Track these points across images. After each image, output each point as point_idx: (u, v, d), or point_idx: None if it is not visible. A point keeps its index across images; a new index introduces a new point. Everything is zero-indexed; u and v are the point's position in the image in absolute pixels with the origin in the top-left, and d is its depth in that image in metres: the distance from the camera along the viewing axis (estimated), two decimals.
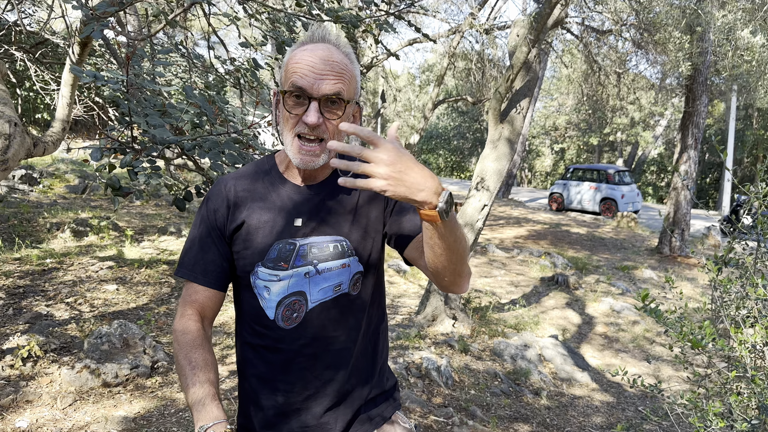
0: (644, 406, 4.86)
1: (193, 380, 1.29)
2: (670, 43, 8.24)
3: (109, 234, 7.60)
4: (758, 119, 25.54)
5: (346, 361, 1.46)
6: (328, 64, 1.27)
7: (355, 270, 1.44)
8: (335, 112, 1.31)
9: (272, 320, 1.40)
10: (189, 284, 1.44)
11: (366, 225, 1.45)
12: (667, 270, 10.56)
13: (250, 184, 1.45)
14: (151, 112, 1.71)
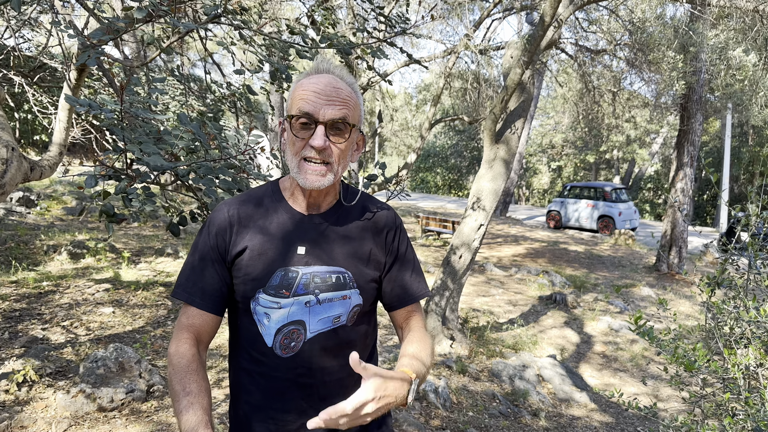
0: (643, 427, 4.83)
1: (186, 406, 1.29)
2: (664, 62, 8.32)
3: (106, 256, 7.59)
4: (754, 136, 25.68)
5: (341, 392, 1.46)
6: (334, 91, 1.32)
7: (355, 303, 1.45)
8: (341, 137, 1.35)
9: (270, 347, 1.40)
10: (186, 307, 1.44)
11: (368, 260, 1.47)
12: (665, 288, 10.55)
13: (253, 209, 1.46)
14: (145, 139, 1.73)
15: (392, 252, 1.52)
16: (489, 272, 10.65)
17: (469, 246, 5.62)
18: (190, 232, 10.34)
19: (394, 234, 1.53)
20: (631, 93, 13.74)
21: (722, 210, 21.88)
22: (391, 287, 1.52)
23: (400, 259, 1.53)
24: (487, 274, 10.47)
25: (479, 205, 5.56)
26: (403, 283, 1.54)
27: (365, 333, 1.52)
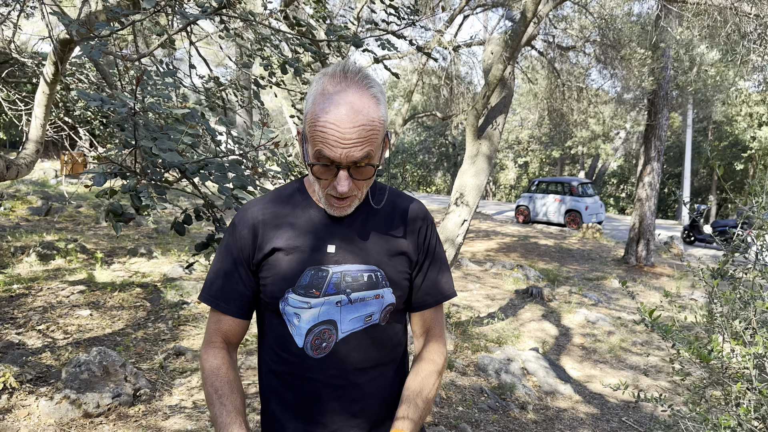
0: (627, 416, 4.91)
1: (220, 409, 1.29)
2: (634, 58, 8.48)
3: (77, 257, 7.38)
4: (713, 131, 26.46)
5: (374, 393, 1.43)
6: (356, 131, 1.20)
7: (388, 301, 1.41)
8: (365, 174, 1.28)
9: (301, 348, 1.36)
10: (213, 311, 1.42)
11: (400, 256, 1.43)
12: (635, 280, 10.78)
13: (279, 209, 1.41)
14: (160, 135, 1.66)
15: (424, 248, 1.47)
16: (465, 267, 10.72)
17: (453, 241, 5.63)
18: (161, 232, 10.13)
19: (426, 229, 1.48)
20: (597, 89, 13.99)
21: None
22: (420, 285, 1.48)
23: (431, 255, 1.49)
24: (464, 269, 10.53)
25: (462, 201, 5.58)
26: (434, 281, 1.50)
27: (397, 332, 1.49)
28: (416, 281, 1.48)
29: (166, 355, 4.78)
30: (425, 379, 1.43)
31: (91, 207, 11.14)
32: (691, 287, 10.29)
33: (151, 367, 4.56)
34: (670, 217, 28.74)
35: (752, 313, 2.20)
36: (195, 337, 5.32)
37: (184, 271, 7.13)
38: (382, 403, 1.44)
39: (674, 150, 27.95)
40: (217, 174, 1.95)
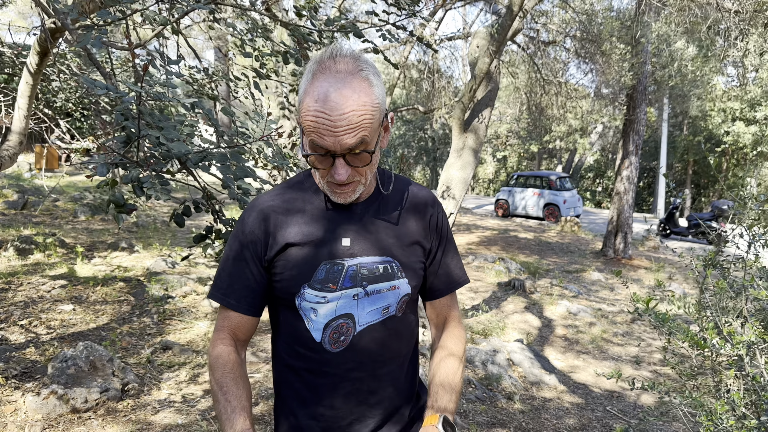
0: (611, 406, 5.00)
1: (225, 405, 1.28)
2: (614, 54, 8.59)
3: (57, 251, 7.26)
4: (688, 126, 26.92)
5: (392, 384, 1.43)
6: (346, 117, 1.17)
7: (404, 292, 1.40)
8: (364, 159, 1.26)
9: (318, 343, 1.35)
10: (222, 309, 1.40)
11: (414, 246, 1.42)
12: (613, 272, 10.94)
13: (289, 202, 1.39)
14: (167, 125, 1.64)
15: (437, 235, 1.47)
16: None
17: None
18: (142, 226, 10.01)
19: (437, 216, 1.48)
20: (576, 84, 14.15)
21: (660, 197, 22.87)
22: (435, 273, 1.48)
23: (443, 241, 1.49)
24: None
25: (449, 194, 5.61)
26: (447, 268, 1.50)
27: (411, 322, 1.49)
28: (430, 269, 1.48)
29: (153, 350, 4.74)
30: (450, 367, 1.44)
31: (68, 201, 10.96)
32: (668, 279, 10.49)
33: (139, 362, 4.52)
34: (645, 210, 29.19)
35: (743, 302, 2.26)
36: (181, 331, 5.28)
37: (167, 265, 7.06)
38: (397, 392, 1.45)
39: (650, 144, 28.37)
40: (218, 165, 1.94)
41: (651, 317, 2.14)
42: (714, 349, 2.09)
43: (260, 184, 2.17)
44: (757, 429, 1.88)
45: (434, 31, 10.86)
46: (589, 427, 4.46)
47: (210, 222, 2.29)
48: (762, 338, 2.09)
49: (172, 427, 3.63)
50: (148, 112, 1.62)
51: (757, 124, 21.13)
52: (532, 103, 14.16)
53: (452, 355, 1.47)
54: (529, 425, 4.39)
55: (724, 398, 2.02)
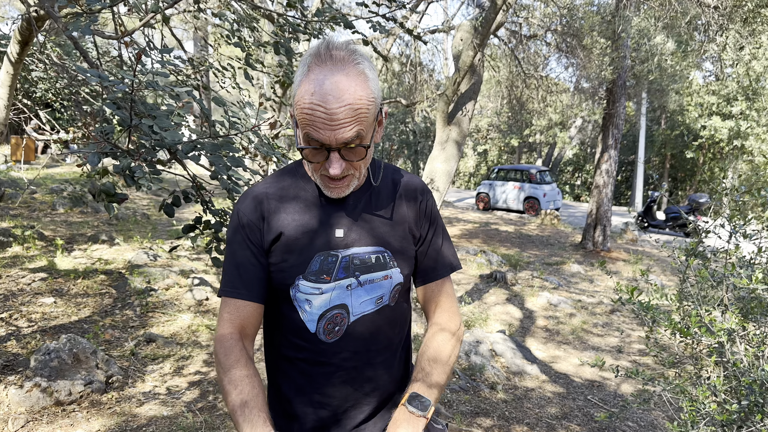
0: (591, 395, 5.09)
1: (236, 395, 1.24)
2: (595, 48, 8.67)
3: (35, 244, 7.16)
4: (666, 120, 27.28)
5: (386, 371, 1.45)
6: (342, 111, 1.17)
7: (397, 281, 1.42)
8: (358, 153, 1.27)
9: (313, 333, 1.36)
10: (228, 301, 1.36)
11: (406, 235, 1.44)
12: (593, 264, 11.09)
13: (282, 192, 1.39)
14: (159, 113, 1.63)
15: (426, 222, 1.48)
16: None
17: None
18: (122, 218, 9.90)
19: (426, 203, 1.49)
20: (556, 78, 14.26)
21: (638, 190, 23.17)
22: (425, 259, 1.49)
23: (433, 227, 1.50)
24: None
25: (433, 186, 5.64)
26: (438, 254, 1.51)
27: (405, 310, 1.51)
28: (421, 255, 1.49)
29: (136, 342, 4.71)
30: (441, 344, 1.44)
31: (46, 193, 10.80)
32: (646, 271, 10.65)
33: (122, 354, 4.49)
34: (623, 204, 29.56)
35: (724, 290, 2.32)
36: (164, 323, 5.25)
37: (149, 258, 7.01)
38: (391, 379, 1.47)
39: (628, 138, 28.71)
40: (209, 155, 1.94)
41: (635, 306, 2.19)
42: (696, 336, 2.15)
43: (250, 175, 2.17)
44: (737, 413, 1.94)
45: (417, 24, 10.86)
46: (571, 415, 4.54)
47: (199, 212, 2.29)
48: (742, 326, 2.15)
49: (157, 419, 3.62)
50: (140, 101, 1.61)
51: (733, 118, 21.51)
52: (513, 97, 14.25)
53: (445, 332, 1.46)
54: (511, 414, 4.45)
55: (705, 384, 2.08)
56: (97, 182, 1.76)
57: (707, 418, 2.08)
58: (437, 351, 1.43)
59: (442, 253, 1.52)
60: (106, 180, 1.81)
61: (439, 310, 1.52)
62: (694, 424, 1.99)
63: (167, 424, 3.56)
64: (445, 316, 1.50)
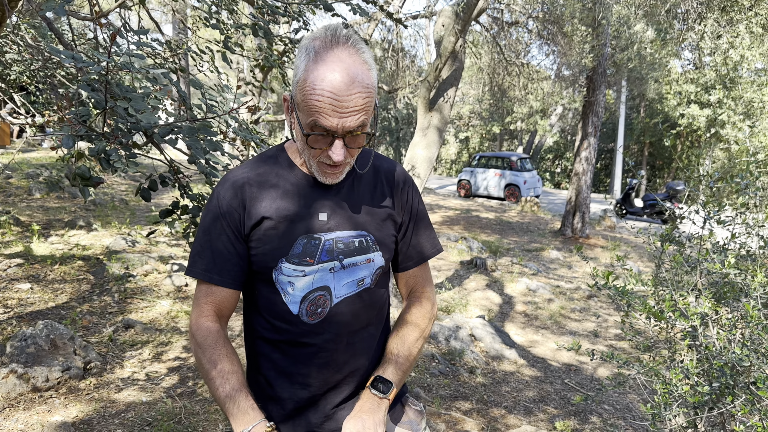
0: (569, 378, 5.17)
1: (222, 383, 1.29)
2: (576, 35, 8.70)
3: (11, 230, 7.05)
4: (645, 108, 27.53)
5: (367, 353, 1.48)
6: (352, 99, 1.19)
7: (378, 264, 1.44)
8: (359, 142, 1.29)
9: (296, 315, 1.37)
10: (202, 284, 1.38)
11: (387, 220, 1.46)
12: (571, 251, 11.20)
13: (264, 176, 1.39)
14: (135, 96, 1.61)
15: (408, 209, 1.51)
16: None
17: None
18: (99, 204, 9.78)
19: (408, 192, 1.52)
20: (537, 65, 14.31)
21: (616, 178, 23.41)
22: (406, 246, 1.52)
23: (415, 215, 1.53)
24: None
25: (414, 173, 5.64)
26: (418, 241, 1.55)
27: (385, 294, 1.54)
28: (401, 243, 1.52)
29: (114, 328, 4.68)
30: (408, 329, 1.50)
31: (22, 178, 10.62)
32: (624, 257, 10.79)
33: (100, 341, 4.45)
34: (602, 191, 29.85)
35: (698, 275, 2.37)
36: (143, 310, 5.21)
37: (127, 244, 6.94)
38: (370, 361, 1.49)
39: (607, 126, 28.94)
40: (186, 139, 1.92)
41: (611, 291, 2.22)
42: (669, 321, 2.19)
43: (228, 159, 2.15)
44: (709, 395, 1.99)
45: (399, 9, 10.80)
46: (548, 398, 4.61)
47: (176, 197, 2.27)
48: (714, 310, 2.19)
49: (136, 405, 3.61)
50: (115, 82, 1.58)
51: (711, 107, 21.77)
52: (495, 84, 14.26)
53: (412, 324, 1.52)
54: (490, 398, 4.51)
55: (678, 367, 2.12)
56: (72, 166, 1.73)
57: (680, 400, 2.13)
58: (404, 336, 1.49)
59: (420, 241, 1.55)
60: (81, 163, 1.78)
61: (413, 295, 1.58)
62: (667, 406, 2.03)
63: (146, 410, 3.55)
64: (418, 313, 1.54)
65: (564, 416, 4.28)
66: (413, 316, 1.53)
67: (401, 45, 13.44)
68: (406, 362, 1.46)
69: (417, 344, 1.50)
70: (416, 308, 1.55)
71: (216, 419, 3.52)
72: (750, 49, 8.79)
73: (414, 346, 1.49)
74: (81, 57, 1.49)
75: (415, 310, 1.54)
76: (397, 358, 1.45)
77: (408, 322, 1.52)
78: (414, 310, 1.54)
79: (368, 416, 1.34)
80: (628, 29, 8.74)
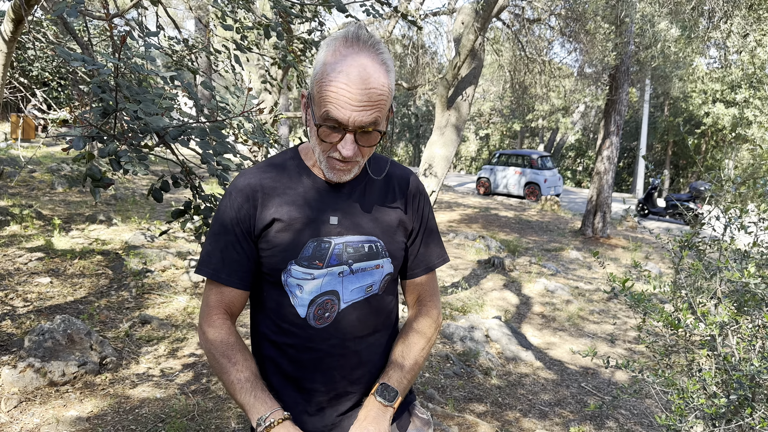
0: (585, 382, 5.10)
1: (237, 376, 1.31)
2: (598, 33, 8.58)
3: (33, 223, 7.15)
4: (669, 107, 27.10)
5: (374, 360, 1.47)
6: (366, 94, 1.19)
7: (387, 271, 1.43)
8: (371, 140, 1.28)
9: (303, 318, 1.37)
10: (212, 284, 1.40)
11: (398, 227, 1.45)
12: (591, 251, 11.08)
13: (277, 178, 1.39)
14: (145, 98, 1.60)
15: (419, 218, 1.51)
16: None
17: None
18: (120, 198, 9.89)
19: (420, 201, 1.52)
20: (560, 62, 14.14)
21: (639, 177, 23.09)
22: (415, 254, 1.52)
23: (424, 225, 1.53)
24: None
25: (431, 172, 5.61)
26: (427, 249, 1.54)
27: (392, 300, 1.53)
28: (410, 250, 1.51)
29: (131, 324, 4.72)
30: (413, 348, 1.48)
31: (45, 172, 10.78)
32: (645, 258, 10.65)
33: (117, 336, 4.50)
34: (624, 190, 29.49)
35: (717, 283, 2.30)
36: (160, 305, 5.25)
37: (146, 239, 7.00)
38: (378, 368, 1.48)
39: (630, 125, 28.56)
40: (198, 140, 1.91)
41: (627, 297, 2.18)
42: (687, 329, 2.13)
43: (240, 160, 2.15)
44: (726, 407, 1.93)
45: (419, 6, 10.75)
46: (564, 402, 4.55)
47: (189, 197, 2.27)
48: (734, 319, 2.14)
49: (150, 401, 3.63)
50: (126, 84, 1.58)
51: (737, 106, 21.36)
52: (516, 82, 14.13)
53: (418, 333, 1.50)
54: (505, 400, 4.47)
55: (696, 377, 2.07)
56: (82, 166, 1.74)
57: (696, 411, 2.08)
58: (410, 344, 1.48)
59: (429, 250, 1.55)
60: (93, 164, 1.78)
61: (419, 304, 1.57)
62: (683, 417, 1.98)
63: (160, 406, 3.58)
64: (424, 322, 1.53)
65: (580, 420, 4.23)
66: (420, 325, 1.52)
67: (421, 42, 13.38)
68: (412, 370, 1.46)
69: (423, 353, 1.49)
70: (423, 317, 1.53)
71: (228, 417, 3.53)
72: None
73: (420, 355, 1.48)
74: (91, 59, 1.49)
75: (422, 319, 1.53)
76: (403, 366, 1.45)
77: (415, 331, 1.51)
78: (421, 319, 1.53)
79: (373, 425, 1.33)
80: (652, 27, 8.59)
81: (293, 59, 2.92)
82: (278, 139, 2.80)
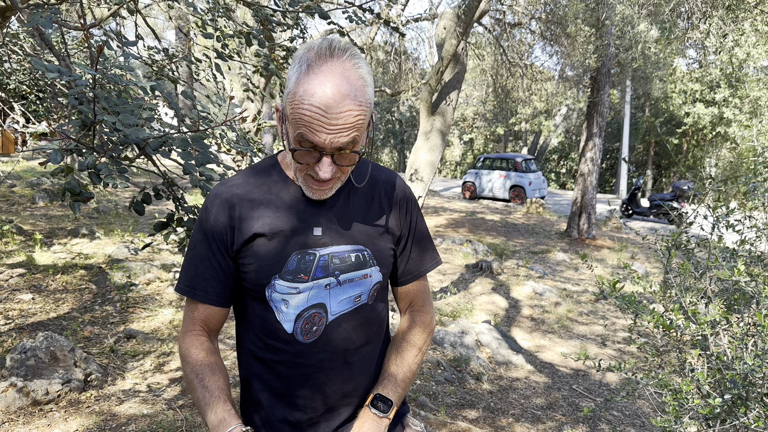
0: (577, 384, 5.09)
1: (202, 391, 1.26)
2: (579, 36, 8.64)
3: (14, 239, 7.03)
4: (650, 107, 27.38)
5: (367, 371, 1.43)
6: (342, 116, 1.13)
7: (376, 280, 1.39)
8: (349, 160, 1.23)
9: (290, 334, 1.32)
10: (190, 301, 1.36)
11: (385, 234, 1.41)
12: (578, 252, 11.12)
13: (254, 190, 1.34)
14: (124, 109, 1.56)
15: (408, 223, 1.46)
16: None
17: None
18: (103, 212, 9.77)
19: (407, 205, 1.47)
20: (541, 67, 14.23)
21: (622, 178, 23.28)
22: (405, 261, 1.47)
23: (413, 230, 1.48)
24: None
25: (417, 177, 5.59)
26: (417, 256, 1.49)
27: (382, 309, 1.49)
28: (400, 258, 1.47)
29: (116, 339, 4.64)
30: (406, 357, 1.46)
31: (26, 186, 10.62)
32: (631, 258, 10.71)
33: (102, 351, 4.41)
34: (608, 191, 29.72)
35: (707, 282, 2.30)
36: (145, 319, 5.17)
37: (130, 252, 6.91)
38: (370, 379, 1.44)
39: (612, 126, 28.81)
40: (179, 151, 1.87)
41: (617, 299, 2.16)
42: (679, 329, 2.12)
43: (224, 170, 2.11)
44: (720, 407, 1.92)
45: (401, 12, 10.76)
46: (556, 405, 4.54)
47: (171, 209, 2.22)
48: (725, 318, 2.13)
49: (137, 418, 3.56)
50: (104, 96, 1.54)
51: (716, 105, 21.62)
52: (498, 86, 14.20)
53: (411, 341, 1.48)
54: (497, 405, 4.44)
55: (689, 377, 2.06)
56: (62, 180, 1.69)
57: (690, 412, 2.06)
58: (403, 353, 1.45)
59: (421, 257, 1.51)
60: (72, 177, 1.73)
61: (412, 310, 1.54)
62: (678, 419, 1.97)
63: (147, 423, 3.51)
64: (416, 331, 1.50)
65: (573, 423, 4.21)
66: (413, 333, 1.49)
67: (404, 48, 13.40)
68: (406, 380, 1.43)
69: (416, 361, 1.46)
70: (416, 324, 1.50)
71: None
72: (755, 47, 8.70)
73: (413, 363, 1.45)
74: (67, 70, 1.45)
75: (414, 326, 1.50)
76: (396, 376, 1.41)
77: (407, 339, 1.48)
78: (413, 326, 1.50)
79: None
80: (632, 29, 8.67)
81: (276, 67, 2.89)
82: (262, 147, 2.76)
